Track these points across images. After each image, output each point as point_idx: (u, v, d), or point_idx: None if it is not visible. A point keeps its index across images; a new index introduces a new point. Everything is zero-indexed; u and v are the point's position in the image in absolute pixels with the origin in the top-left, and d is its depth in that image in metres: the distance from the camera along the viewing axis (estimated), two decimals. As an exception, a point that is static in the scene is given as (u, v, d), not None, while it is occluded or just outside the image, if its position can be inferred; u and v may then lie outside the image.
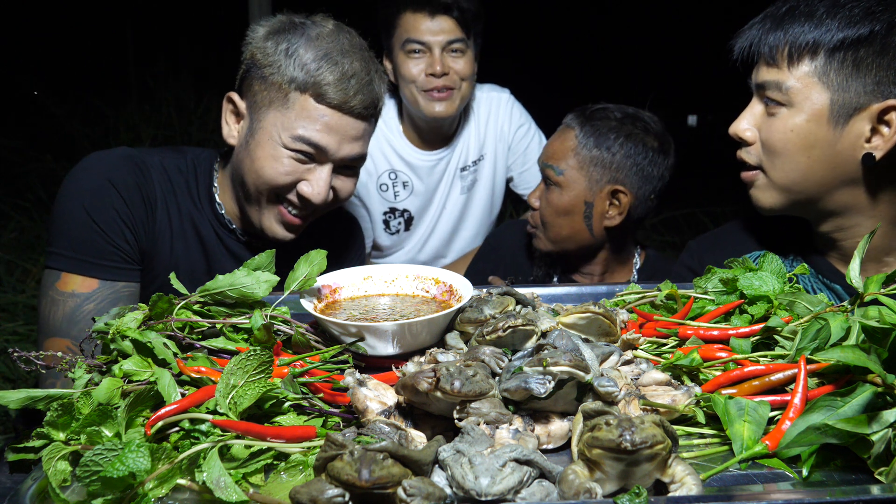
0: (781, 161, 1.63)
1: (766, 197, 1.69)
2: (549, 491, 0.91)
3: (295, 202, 1.86)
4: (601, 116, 2.32)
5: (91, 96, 6.00)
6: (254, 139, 1.84)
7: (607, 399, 1.05)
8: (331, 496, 0.85)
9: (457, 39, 2.77)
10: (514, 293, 1.41)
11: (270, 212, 1.88)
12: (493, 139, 3.13)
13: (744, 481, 0.98)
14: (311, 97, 1.78)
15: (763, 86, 1.63)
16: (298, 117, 1.79)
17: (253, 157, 1.83)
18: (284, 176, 1.81)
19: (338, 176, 1.89)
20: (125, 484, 0.90)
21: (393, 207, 3.11)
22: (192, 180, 1.98)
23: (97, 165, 1.88)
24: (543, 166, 2.36)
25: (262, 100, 1.83)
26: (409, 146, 3.05)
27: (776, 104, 1.61)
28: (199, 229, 1.97)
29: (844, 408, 0.98)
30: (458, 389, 0.99)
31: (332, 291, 1.53)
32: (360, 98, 1.80)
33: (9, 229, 5.14)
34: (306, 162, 1.82)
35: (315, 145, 1.79)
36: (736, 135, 1.70)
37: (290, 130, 1.79)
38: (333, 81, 1.78)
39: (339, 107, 1.79)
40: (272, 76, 1.80)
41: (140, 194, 1.87)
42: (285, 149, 1.80)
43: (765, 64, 1.63)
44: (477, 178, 3.16)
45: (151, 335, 1.22)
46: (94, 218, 1.81)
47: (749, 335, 1.28)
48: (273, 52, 1.81)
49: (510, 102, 3.16)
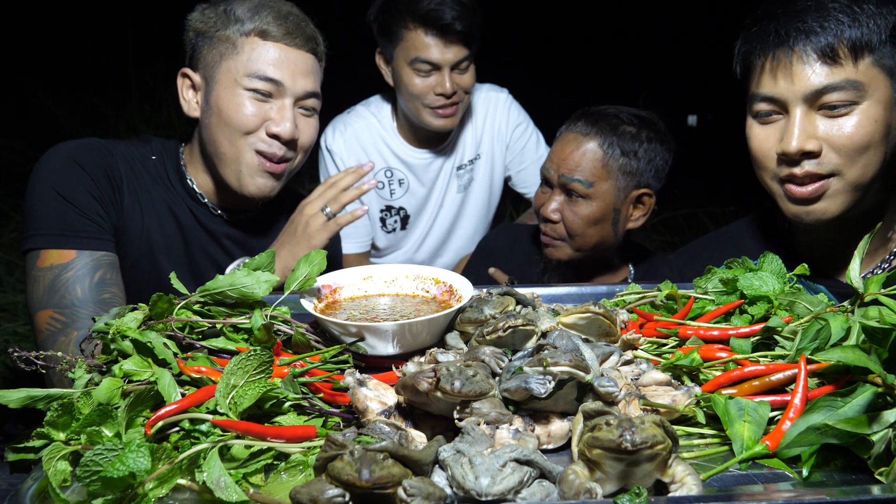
0: (865, 157, 1.61)
1: (839, 202, 1.66)
2: (549, 491, 0.91)
3: (267, 146, 1.95)
4: (615, 123, 2.32)
5: (91, 96, 5.99)
6: (213, 94, 1.95)
7: (607, 399, 1.05)
8: (331, 496, 0.85)
9: (464, 58, 2.80)
10: (514, 293, 1.41)
11: (248, 165, 1.96)
12: (489, 138, 3.14)
13: (744, 481, 0.98)
14: (257, 37, 1.93)
15: (822, 91, 1.59)
16: (249, 58, 1.92)
17: (218, 111, 1.94)
18: (251, 117, 1.92)
19: (299, 116, 2.00)
20: (125, 484, 0.90)
21: (389, 205, 3.12)
22: (160, 164, 2.07)
23: (61, 150, 1.96)
24: (568, 180, 2.31)
25: (212, 59, 1.96)
26: (405, 144, 3.05)
27: (844, 104, 1.58)
28: (172, 207, 2.04)
29: (844, 408, 0.98)
30: (459, 389, 0.99)
31: (333, 291, 1.53)
32: (299, 31, 1.96)
33: (9, 229, 5.14)
34: (267, 100, 1.94)
35: (270, 79, 1.92)
36: (800, 151, 1.61)
37: (244, 70, 1.92)
38: (273, 20, 1.94)
39: (284, 39, 1.94)
40: (217, 33, 1.95)
41: (105, 174, 1.94)
42: (245, 90, 1.92)
43: (823, 65, 1.58)
44: (473, 177, 3.16)
45: (151, 335, 1.22)
46: (63, 195, 1.87)
47: (749, 335, 1.28)
48: (212, 16, 1.97)
49: (508, 102, 3.16)
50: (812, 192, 1.65)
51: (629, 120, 2.33)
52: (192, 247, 2.06)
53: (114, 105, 6.01)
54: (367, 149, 3.05)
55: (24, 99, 6.12)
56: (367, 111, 3.08)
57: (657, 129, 2.36)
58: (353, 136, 3.04)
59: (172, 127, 5.98)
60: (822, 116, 1.61)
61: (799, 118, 1.61)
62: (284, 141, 1.96)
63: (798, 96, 1.61)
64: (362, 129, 3.04)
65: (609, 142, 2.30)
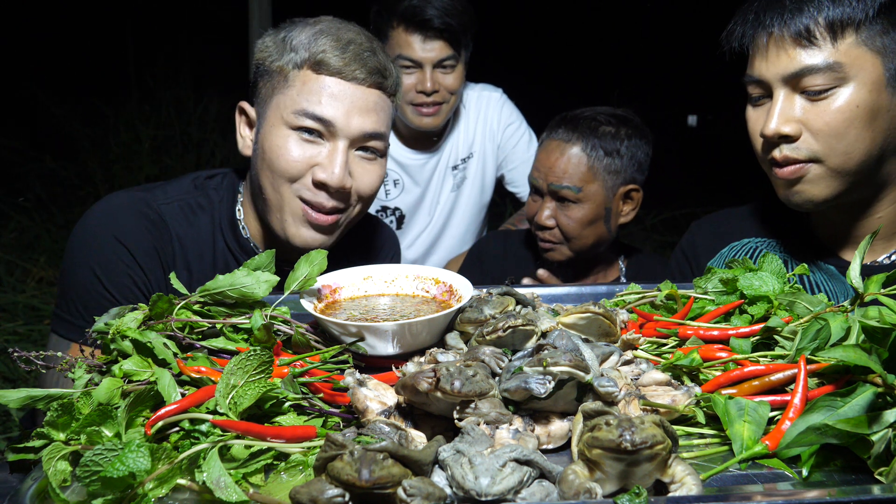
0: (845, 143, 1.56)
1: (821, 188, 1.62)
2: (549, 491, 0.91)
3: (313, 195, 1.73)
4: (594, 125, 2.37)
5: (91, 96, 6.00)
6: (261, 133, 1.76)
7: (607, 399, 1.05)
8: (331, 496, 0.85)
9: (448, 57, 2.82)
10: (514, 293, 1.41)
11: (293, 215, 1.75)
12: (481, 137, 3.15)
13: (744, 481, 0.98)
14: (310, 69, 1.71)
15: (800, 73, 1.55)
16: (300, 92, 1.71)
17: (263, 151, 1.75)
18: (295, 162, 1.71)
19: (356, 161, 1.76)
20: (125, 484, 0.90)
21: (384, 206, 3.13)
22: (216, 212, 1.87)
23: (105, 223, 1.75)
24: (557, 188, 2.35)
25: (266, 93, 1.77)
26: (399, 145, 3.06)
27: (825, 89, 1.54)
28: (217, 262, 1.85)
29: (844, 408, 0.98)
30: (458, 389, 0.99)
31: (332, 291, 1.53)
32: (361, 62, 1.71)
33: (9, 229, 5.14)
34: (316, 142, 1.72)
35: (319, 118, 1.70)
36: (777, 134, 1.59)
37: (292, 107, 1.71)
38: (330, 48, 1.70)
39: (340, 73, 1.70)
40: (272, 64, 1.75)
41: (158, 257, 1.76)
42: (291, 129, 1.71)
43: (799, 48, 1.55)
44: (466, 176, 3.18)
45: (151, 335, 1.22)
46: (106, 285, 1.70)
47: (749, 335, 1.28)
48: (272, 45, 1.77)
49: (501, 101, 3.18)
50: (790, 174, 1.63)
51: (607, 120, 2.38)
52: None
53: (114, 105, 6.02)
54: None
55: (24, 99, 6.13)
56: None
57: (634, 124, 2.42)
58: None
59: (172, 127, 5.98)
60: (804, 100, 1.58)
61: (780, 101, 1.59)
62: (334, 190, 1.72)
63: (777, 79, 1.59)
64: None
65: (591, 144, 2.35)
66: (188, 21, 6.95)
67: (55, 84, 6.16)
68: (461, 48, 2.84)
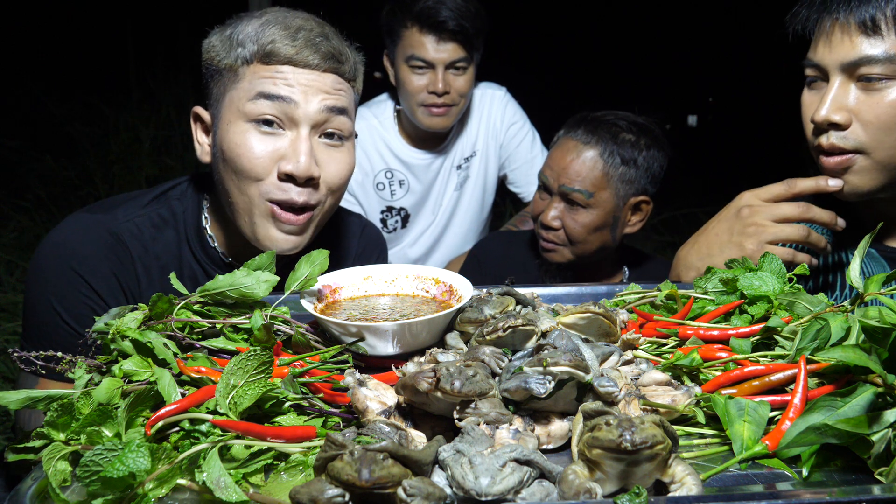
0: (894, 137, 1.55)
1: (867, 180, 1.61)
2: (549, 491, 0.91)
3: (282, 192, 1.64)
4: (615, 131, 2.31)
5: (91, 96, 6.00)
6: (219, 134, 1.67)
7: (607, 399, 1.05)
8: (331, 496, 0.85)
9: (460, 59, 2.83)
10: (514, 293, 1.41)
11: (262, 216, 1.67)
12: (484, 136, 3.16)
13: (744, 481, 0.98)
14: (260, 63, 1.62)
15: (859, 62, 1.53)
16: (251, 81, 1.62)
17: (223, 153, 1.65)
18: (258, 158, 1.61)
19: (322, 148, 1.68)
20: (125, 484, 0.90)
21: (390, 206, 3.13)
22: (180, 224, 1.80)
23: (59, 253, 1.68)
24: (568, 190, 2.30)
25: (218, 92, 1.68)
26: (405, 145, 3.07)
27: (882, 78, 1.53)
28: (184, 274, 1.79)
29: (844, 408, 0.98)
30: (458, 389, 0.99)
31: (333, 291, 1.53)
32: (313, 48, 1.63)
33: (9, 229, 5.14)
34: (277, 133, 1.63)
35: (276, 97, 1.60)
36: (826, 121, 1.58)
37: (246, 96, 1.61)
38: (279, 38, 1.61)
39: (292, 60, 1.61)
40: (220, 63, 1.66)
41: (117, 281, 1.70)
42: (249, 123, 1.62)
43: (862, 36, 1.53)
44: (469, 175, 3.18)
45: (151, 335, 1.22)
46: (65, 318, 1.65)
47: (749, 335, 1.28)
48: (218, 43, 1.68)
49: (505, 100, 3.18)
50: (836, 164, 1.62)
51: (628, 128, 2.33)
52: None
53: (114, 105, 6.02)
54: (367, 150, 3.07)
55: (24, 99, 6.13)
56: (368, 112, 3.11)
57: (654, 135, 2.37)
58: None
59: (172, 127, 5.98)
60: (859, 89, 1.56)
61: (835, 88, 1.58)
62: (302, 182, 1.64)
63: (836, 65, 1.57)
64: (363, 130, 3.05)
65: (609, 151, 2.29)
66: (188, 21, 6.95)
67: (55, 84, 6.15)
68: (473, 51, 2.86)
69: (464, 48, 2.81)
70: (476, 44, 2.86)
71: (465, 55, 2.83)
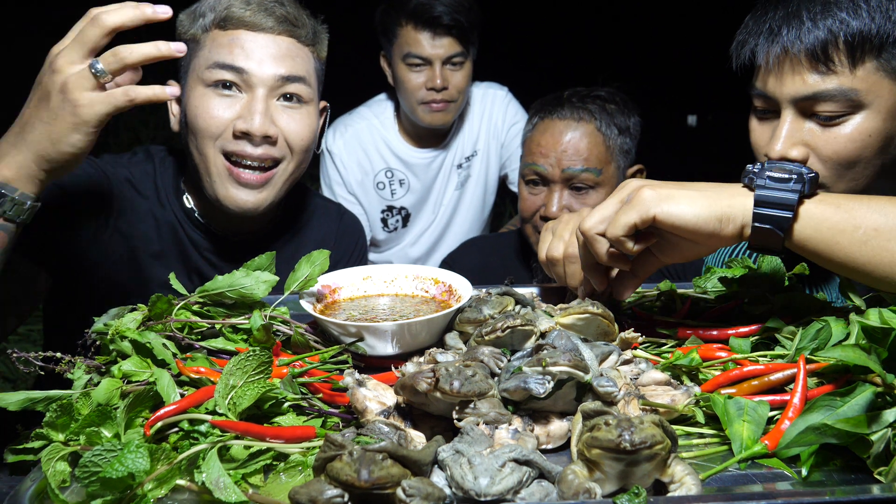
0: (855, 171, 1.47)
1: None
2: (548, 491, 0.91)
3: (235, 145, 1.71)
4: (600, 102, 2.19)
5: (91, 96, 5.99)
6: (184, 101, 1.77)
7: (607, 399, 1.05)
8: (330, 496, 0.85)
9: (456, 54, 2.84)
10: (514, 293, 1.41)
11: (220, 175, 1.73)
12: (486, 135, 3.16)
13: (743, 481, 0.98)
14: (217, 28, 1.72)
15: (812, 98, 1.44)
16: (210, 49, 1.72)
17: (186, 117, 1.75)
18: (214, 118, 1.70)
19: (279, 109, 1.74)
20: (124, 484, 0.90)
21: (390, 206, 3.13)
22: (161, 179, 1.89)
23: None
24: (575, 172, 2.11)
25: (184, 64, 1.78)
26: (406, 145, 3.07)
27: (837, 115, 1.44)
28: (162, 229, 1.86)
29: (844, 408, 0.98)
30: (458, 389, 0.99)
31: (332, 292, 1.53)
32: (267, 12, 1.71)
33: (9, 230, 5.13)
34: (234, 96, 1.72)
35: (231, 67, 1.69)
36: (782, 157, 1.46)
37: (205, 64, 1.71)
38: (236, 4, 1.72)
39: (246, 24, 1.71)
40: (185, 35, 1.76)
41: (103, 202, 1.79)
42: (207, 87, 1.71)
43: (813, 70, 1.43)
44: (469, 174, 3.19)
45: (150, 336, 1.22)
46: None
47: (749, 335, 1.28)
48: (185, 19, 1.78)
49: (506, 100, 3.18)
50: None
51: (610, 98, 2.21)
52: (189, 261, 1.89)
53: (113, 105, 6.01)
54: (367, 149, 3.07)
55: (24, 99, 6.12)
56: (368, 112, 3.11)
57: (630, 102, 2.26)
58: (354, 137, 3.06)
59: (172, 127, 5.97)
60: (814, 123, 1.47)
61: (788, 123, 1.48)
62: (258, 142, 1.70)
63: (788, 99, 1.47)
64: (363, 129, 3.06)
65: (606, 122, 2.14)
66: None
67: (55, 84, 6.15)
68: (469, 45, 2.87)
69: (459, 42, 2.82)
70: (471, 38, 2.86)
71: (462, 49, 2.83)
